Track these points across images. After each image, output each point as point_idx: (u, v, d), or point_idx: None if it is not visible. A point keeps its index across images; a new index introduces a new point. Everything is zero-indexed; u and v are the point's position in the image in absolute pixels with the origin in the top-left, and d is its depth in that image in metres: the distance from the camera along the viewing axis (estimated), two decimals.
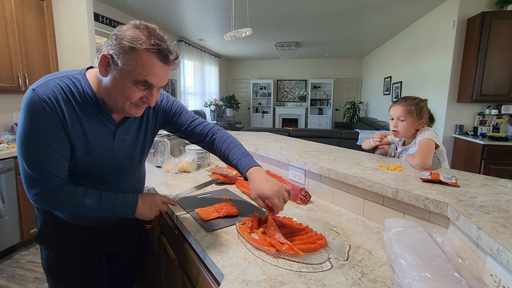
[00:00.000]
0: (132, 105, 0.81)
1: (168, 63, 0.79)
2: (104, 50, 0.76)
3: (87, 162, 0.85)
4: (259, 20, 4.90)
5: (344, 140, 4.26)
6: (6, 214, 2.19)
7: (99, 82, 0.80)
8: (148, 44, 0.74)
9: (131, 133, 0.95)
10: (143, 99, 0.80)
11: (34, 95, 0.73)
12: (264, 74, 9.85)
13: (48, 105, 0.73)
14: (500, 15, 3.25)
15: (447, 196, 0.88)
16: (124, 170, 0.96)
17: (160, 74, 0.78)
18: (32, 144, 0.75)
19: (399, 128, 1.40)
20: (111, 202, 0.89)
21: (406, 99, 1.41)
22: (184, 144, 2.03)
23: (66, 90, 0.77)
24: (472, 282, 0.60)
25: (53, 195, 0.80)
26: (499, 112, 3.47)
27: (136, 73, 0.74)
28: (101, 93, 0.81)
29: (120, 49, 0.73)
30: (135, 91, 0.77)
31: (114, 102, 0.80)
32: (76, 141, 0.80)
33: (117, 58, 0.74)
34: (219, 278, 0.74)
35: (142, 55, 0.74)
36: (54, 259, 0.96)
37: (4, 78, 2.40)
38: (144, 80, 0.76)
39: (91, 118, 0.82)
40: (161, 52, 0.76)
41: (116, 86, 0.77)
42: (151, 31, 0.76)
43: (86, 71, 0.84)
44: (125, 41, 0.73)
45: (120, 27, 0.77)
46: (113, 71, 0.76)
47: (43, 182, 0.78)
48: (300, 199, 1.23)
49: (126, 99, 0.78)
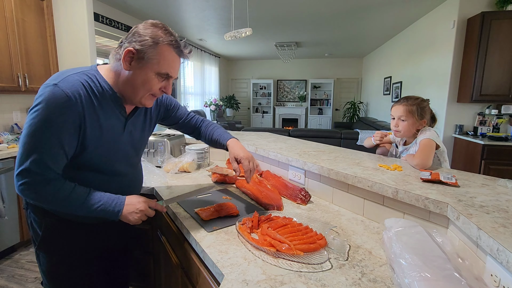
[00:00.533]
0: (149, 96, 0.90)
1: (182, 56, 0.90)
2: (126, 46, 0.83)
3: (100, 154, 0.89)
4: (259, 20, 4.90)
5: (344, 140, 4.25)
6: (6, 214, 2.19)
7: (116, 76, 0.88)
8: (167, 40, 0.84)
9: (137, 126, 1.02)
10: (162, 89, 0.90)
11: (57, 90, 0.76)
12: (264, 74, 9.85)
13: (71, 100, 0.78)
14: (500, 15, 3.24)
15: (447, 196, 0.88)
16: (130, 162, 1.03)
17: (177, 66, 0.90)
18: (41, 136, 0.76)
19: (400, 128, 1.40)
20: (97, 200, 0.87)
21: (408, 99, 1.40)
22: (184, 144, 2.03)
23: (85, 85, 0.82)
24: (472, 282, 0.60)
25: (41, 187, 0.80)
26: (499, 112, 3.47)
27: (159, 65, 0.85)
28: (118, 86, 0.89)
29: (146, 44, 0.82)
30: (156, 82, 0.87)
31: (133, 94, 0.88)
32: (92, 134, 0.85)
33: (143, 53, 0.82)
34: (219, 278, 0.74)
35: (164, 49, 0.84)
36: (56, 264, 0.95)
37: (4, 78, 2.40)
38: (166, 72, 0.87)
39: (106, 111, 0.88)
40: (178, 47, 0.87)
41: (141, 78, 0.85)
42: (167, 28, 0.86)
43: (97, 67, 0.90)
44: (148, 37, 0.82)
45: (138, 25, 0.86)
46: (138, 64, 0.84)
47: (36, 173, 0.79)
48: (300, 199, 1.23)
49: (148, 90, 0.87)
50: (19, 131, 2.79)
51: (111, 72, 0.88)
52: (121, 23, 4.49)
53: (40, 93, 0.78)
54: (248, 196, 1.29)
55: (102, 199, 0.88)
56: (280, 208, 1.15)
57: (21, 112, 2.92)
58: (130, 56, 0.83)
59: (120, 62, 0.85)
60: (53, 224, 0.93)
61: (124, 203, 0.91)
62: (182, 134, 2.13)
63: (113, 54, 0.88)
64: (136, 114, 1.00)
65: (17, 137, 2.51)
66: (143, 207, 0.94)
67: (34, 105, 0.78)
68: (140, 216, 0.93)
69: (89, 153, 0.86)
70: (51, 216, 0.93)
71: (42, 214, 0.93)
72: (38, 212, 0.93)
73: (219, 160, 2.03)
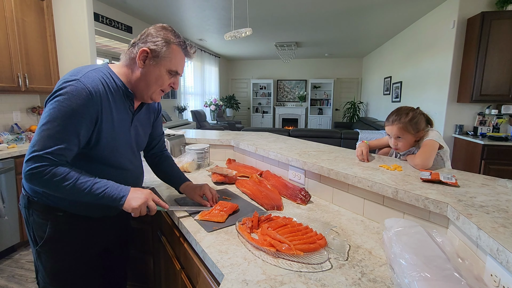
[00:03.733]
0: (159, 91, 0.99)
1: (188, 56, 1.00)
2: (141, 46, 0.91)
3: (111, 146, 0.94)
4: (259, 20, 4.90)
5: (344, 140, 4.26)
6: (6, 214, 2.19)
7: (128, 73, 0.96)
8: (177, 41, 0.95)
9: (141, 122, 1.09)
10: (171, 85, 1.00)
11: (80, 84, 0.83)
12: (264, 74, 9.86)
13: (92, 95, 0.84)
14: (500, 15, 3.24)
15: (447, 196, 0.88)
16: (135, 156, 1.09)
17: (183, 65, 1.01)
18: (62, 124, 0.81)
19: (400, 146, 1.39)
20: (103, 186, 0.88)
21: (399, 116, 1.36)
22: (184, 144, 2.03)
23: (103, 82, 0.89)
24: (472, 282, 0.60)
25: (49, 171, 0.81)
26: (499, 112, 3.47)
27: (171, 63, 0.94)
28: (130, 83, 0.96)
29: (159, 44, 0.91)
30: (167, 79, 0.97)
31: (146, 89, 0.96)
32: (106, 127, 0.91)
33: (157, 52, 0.91)
34: (219, 278, 0.74)
35: (174, 48, 0.94)
36: (60, 261, 0.97)
37: (4, 78, 2.40)
38: (175, 70, 0.97)
39: (118, 106, 0.95)
40: (185, 47, 0.98)
41: (154, 75, 0.94)
42: (175, 31, 0.97)
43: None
44: (161, 38, 0.92)
45: (149, 28, 0.95)
46: (151, 62, 0.92)
47: (47, 159, 0.81)
48: (300, 199, 1.23)
49: (159, 85, 0.96)
50: (19, 131, 2.79)
51: (123, 69, 0.96)
52: (121, 23, 4.49)
53: (60, 86, 0.82)
54: (248, 196, 1.29)
55: (108, 185, 0.90)
56: (280, 208, 1.15)
57: (21, 112, 2.92)
58: (145, 55, 0.91)
59: (134, 61, 0.93)
60: (59, 220, 0.95)
61: (129, 191, 0.93)
62: (182, 134, 2.13)
63: (125, 53, 0.96)
64: (141, 111, 1.07)
65: (17, 137, 2.51)
66: (147, 197, 0.95)
67: (54, 95, 0.81)
68: (142, 204, 0.92)
69: (102, 145, 0.91)
70: (56, 212, 0.94)
71: (46, 211, 0.94)
72: (42, 209, 0.94)
73: (219, 160, 2.03)
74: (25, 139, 2.56)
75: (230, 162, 1.86)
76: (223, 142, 2.01)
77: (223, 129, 6.29)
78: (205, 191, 1.15)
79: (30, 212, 0.96)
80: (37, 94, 3.05)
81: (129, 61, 0.95)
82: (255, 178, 1.45)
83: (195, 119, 6.79)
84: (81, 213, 0.98)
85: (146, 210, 0.95)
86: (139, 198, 0.92)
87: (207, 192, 1.15)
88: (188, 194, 1.18)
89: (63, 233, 0.96)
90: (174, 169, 1.27)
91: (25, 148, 2.35)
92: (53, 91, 0.83)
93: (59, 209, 0.94)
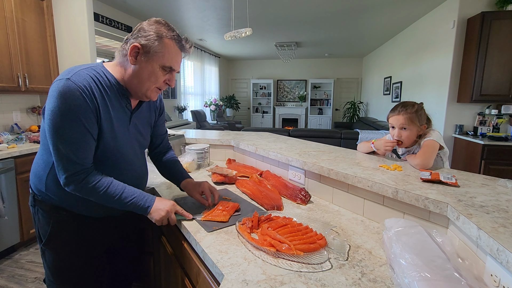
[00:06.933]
0: (155, 89, 0.95)
1: (184, 51, 0.95)
2: (132, 42, 0.88)
3: (112, 146, 0.93)
4: (259, 20, 4.90)
5: (344, 140, 4.26)
6: (6, 214, 2.19)
7: (122, 70, 0.93)
8: (170, 35, 0.90)
9: (141, 120, 1.07)
10: (166, 82, 0.95)
11: (70, 84, 0.80)
12: (264, 74, 9.85)
13: (85, 92, 0.82)
14: (500, 15, 3.24)
15: (447, 196, 0.88)
16: (137, 155, 1.07)
17: (179, 60, 0.95)
18: (70, 127, 0.81)
19: (404, 138, 1.37)
20: (130, 194, 0.93)
21: (405, 107, 1.37)
22: (184, 144, 2.03)
23: (94, 79, 0.87)
24: (472, 282, 0.60)
25: (83, 177, 0.85)
26: (499, 112, 3.47)
27: (164, 58, 0.90)
28: (124, 80, 0.93)
29: (151, 39, 0.87)
30: (161, 75, 0.92)
31: (139, 86, 0.93)
32: (105, 125, 0.89)
33: (148, 47, 0.87)
34: (219, 278, 0.74)
35: (168, 43, 0.89)
36: (63, 260, 0.98)
37: (4, 78, 2.40)
38: (170, 65, 0.92)
39: (114, 104, 0.92)
40: (180, 41, 0.92)
41: (147, 71, 0.90)
42: (169, 25, 0.92)
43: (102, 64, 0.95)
44: (153, 32, 0.87)
45: (142, 23, 0.91)
46: (143, 58, 0.88)
47: (77, 164, 0.84)
48: (300, 199, 1.23)
49: (153, 82, 0.92)
50: (19, 131, 2.79)
51: (117, 67, 0.94)
52: (121, 23, 4.49)
53: (53, 88, 0.81)
54: (248, 196, 1.29)
55: (135, 194, 0.94)
56: (280, 208, 1.15)
57: (21, 112, 2.92)
58: (136, 51, 0.88)
59: (126, 58, 0.90)
60: (62, 219, 0.96)
61: (154, 201, 0.96)
62: (182, 134, 2.13)
63: (119, 51, 0.93)
64: (140, 109, 1.05)
65: (17, 137, 2.51)
66: (170, 210, 0.98)
67: (50, 103, 0.80)
68: (164, 216, 0.96)
69: (103, 145, 0.91)
70: (60, 211, 0.95)
71: (50, 210, 0.95)
72: (47, 208, 0.95)
73: (219, 160, 2.03)
74: (25, 139, 2.56)
75: (230, 162, 1.86)
76: (223, 142, 2.01)
77: (223, 129, 6.29)
78: (204, 189, 1.14)
79: (36, 210, 0.98)
80: (37, 94, 3.05)
81: (122, 58, 0.92)
82: (255, 178, 1.45)
83: (195, 119, 6.79)
84: (84, 213, 0.98)
85: (167, 221, 0.99)
86: (162, 211, 0.96)
87: (206, 190, 1.14)
88: (188, 191, 1.18)
89: (66, 232, 0.97)
90: (177, 166, 1.26)
91: (25, 148, 2.35)
92: (48, 96, 0.82)
93: (62, 209, 0.95)
